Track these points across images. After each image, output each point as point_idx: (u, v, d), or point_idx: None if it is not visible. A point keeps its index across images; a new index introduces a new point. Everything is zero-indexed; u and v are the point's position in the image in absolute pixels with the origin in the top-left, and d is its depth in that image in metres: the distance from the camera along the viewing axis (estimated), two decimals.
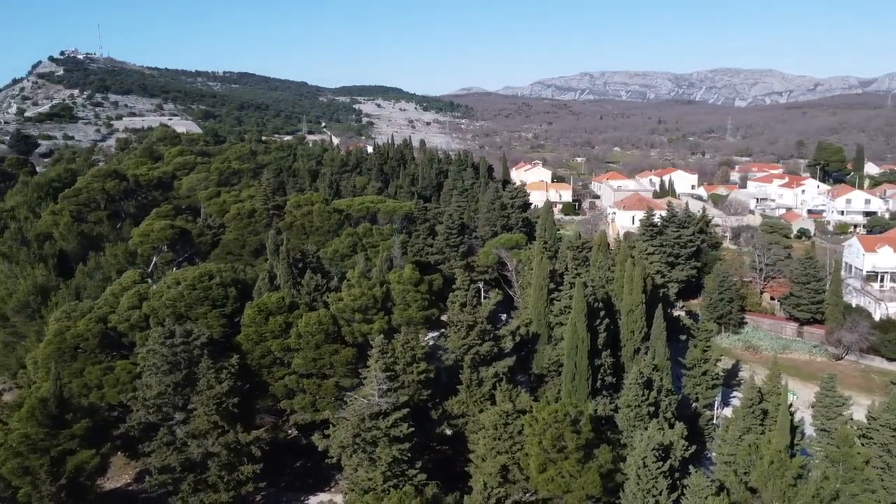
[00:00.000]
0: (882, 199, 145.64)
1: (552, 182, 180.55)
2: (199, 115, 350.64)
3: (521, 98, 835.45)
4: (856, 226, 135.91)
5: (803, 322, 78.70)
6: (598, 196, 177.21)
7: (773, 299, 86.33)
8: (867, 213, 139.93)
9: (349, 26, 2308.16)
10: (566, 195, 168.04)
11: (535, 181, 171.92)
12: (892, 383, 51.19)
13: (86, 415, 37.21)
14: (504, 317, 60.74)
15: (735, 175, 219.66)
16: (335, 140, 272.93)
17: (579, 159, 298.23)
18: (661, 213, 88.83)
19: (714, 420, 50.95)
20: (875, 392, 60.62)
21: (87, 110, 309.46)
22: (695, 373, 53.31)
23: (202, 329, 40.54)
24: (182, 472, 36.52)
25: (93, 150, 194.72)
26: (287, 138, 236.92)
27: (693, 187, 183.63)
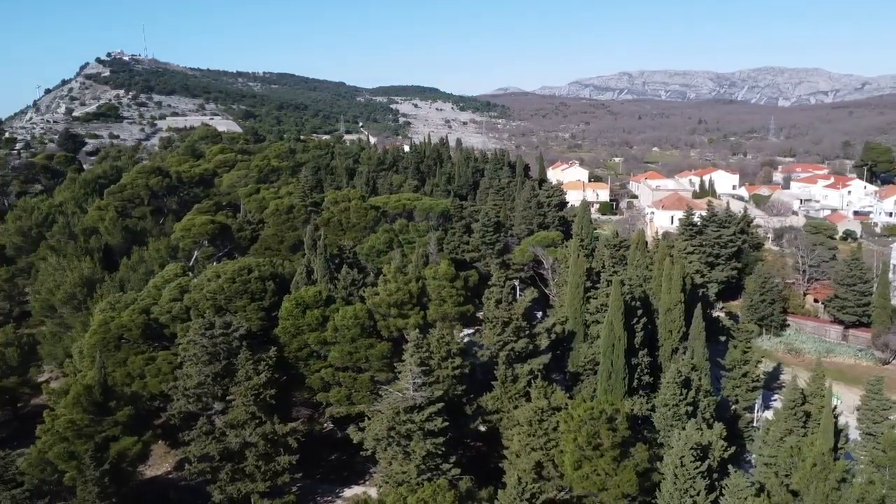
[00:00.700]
0: None
1: (589, 181, 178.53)
2: (240, 115, 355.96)
3: (559, 98, 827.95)
4: None
5: (848, 325, 76.54)
6: (635, 196, 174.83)
7: (816, 301, 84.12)
8: None
9: (387, 27, 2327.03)
10: (603, 195, 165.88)
11: (571, 180, 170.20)
12: None
13: (128, 403, 38.14)
14: (540, 314, 60.42)
15: (778, 175, 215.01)
16: (372, 139, 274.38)
17: (617, 159, 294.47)
18: (700, 212, 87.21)
19: (754, 423, 49.63)
20: None
21: (132, 110, 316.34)
22: (734, 374, 52.14)
23: (241, 321, 41.17)
24: (220, 461, 37.07)
25: (137, 149, 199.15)
26: (325, 137, 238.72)
27: (734, 187, 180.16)
